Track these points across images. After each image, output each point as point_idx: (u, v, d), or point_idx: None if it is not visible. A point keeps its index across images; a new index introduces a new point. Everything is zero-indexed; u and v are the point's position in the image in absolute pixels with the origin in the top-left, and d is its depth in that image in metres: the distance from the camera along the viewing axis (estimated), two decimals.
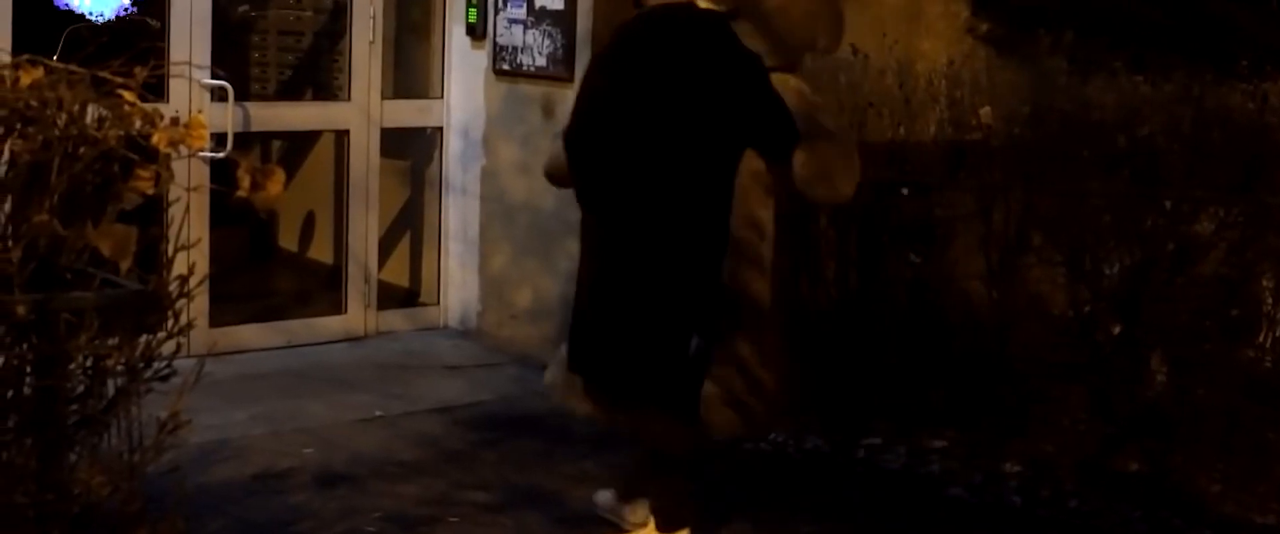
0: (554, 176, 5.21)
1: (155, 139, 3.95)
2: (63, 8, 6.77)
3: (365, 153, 7.90)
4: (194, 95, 7.09)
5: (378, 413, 6.55)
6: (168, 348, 3.99)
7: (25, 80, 3.82)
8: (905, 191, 6.59)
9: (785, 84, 4.84)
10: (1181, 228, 6.07)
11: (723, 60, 4.80)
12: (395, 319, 8.11)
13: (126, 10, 6.95)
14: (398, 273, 8.45)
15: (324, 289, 8.34)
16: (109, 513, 3.98)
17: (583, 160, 4.97)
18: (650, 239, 4.87)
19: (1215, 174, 6.08)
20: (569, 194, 5.26)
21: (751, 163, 4.84)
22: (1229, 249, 6.02)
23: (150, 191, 3.97)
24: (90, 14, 6.84)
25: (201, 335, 6.63)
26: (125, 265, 3.89)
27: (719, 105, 4.78)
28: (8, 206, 3.77)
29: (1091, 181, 6.20)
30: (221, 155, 6.62)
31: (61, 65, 3.88)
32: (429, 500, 5.64)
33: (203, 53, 7.13)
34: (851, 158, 4.93)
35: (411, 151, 8.36)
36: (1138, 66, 6.72)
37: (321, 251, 8.80)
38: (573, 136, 5.01)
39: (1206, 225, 6.08)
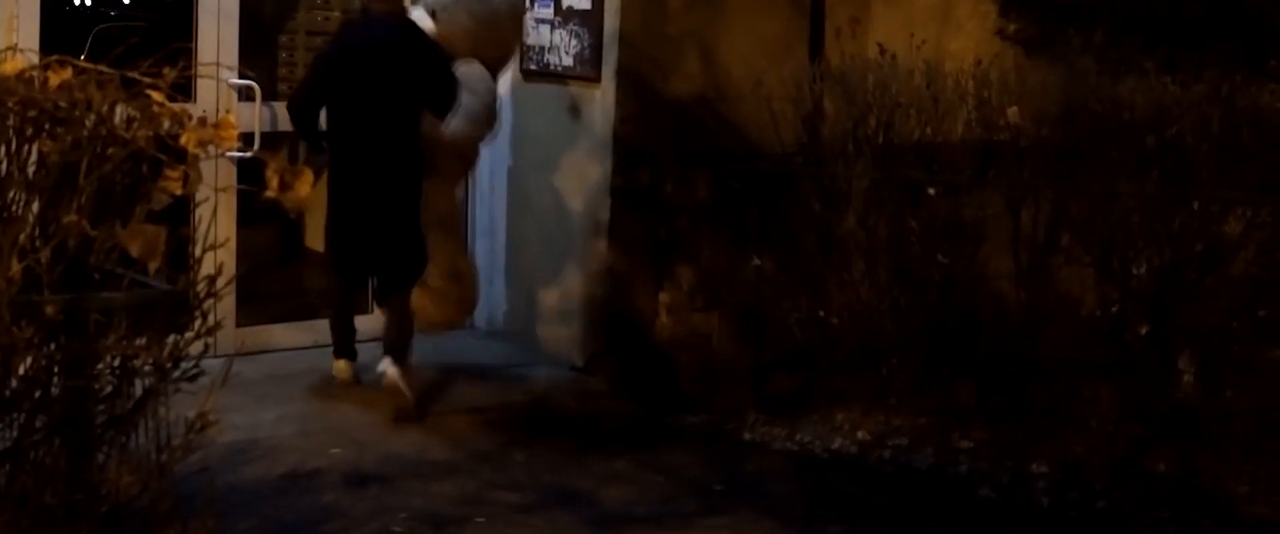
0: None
1: (184, 139, 3.96)
2: None
3: None
4: (222, 95, 7.10)
5: None
6: (196, 348, 4.00)
7: (54, 81, 3.83)
8: (933, 192, 6.57)
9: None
10: (1211, 228, 6.05)
11: (411, 47, 6.56)
12: None
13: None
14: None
15: None
16: (139, 512, 3.99)
17: (303, 116, 6.66)
18: (368, 169, 6.55)
19: (1245, 174, 6.06)
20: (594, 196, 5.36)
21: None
22: (1258, 249, 6.00)
23: (179, 192, 3.98)
24: None
25: (229, 335, 6.65)
26: (154, 265, 3.90)
27: (406, 76, 6.54)
28: (37, 207, 3.79)
29: (1121, 182, 6.18)
30: (249, 155, 6.62)
31: (91, 66, 3.89)
32: (459, 500, 5.64)
33: (230, 53, 7.14)
34: (482, 121, 6.75)
35: None
36: (1168, 66, 6.70)
37: None
38: (296, 98, 6.73)
39: (1236, 225, 6.06)
